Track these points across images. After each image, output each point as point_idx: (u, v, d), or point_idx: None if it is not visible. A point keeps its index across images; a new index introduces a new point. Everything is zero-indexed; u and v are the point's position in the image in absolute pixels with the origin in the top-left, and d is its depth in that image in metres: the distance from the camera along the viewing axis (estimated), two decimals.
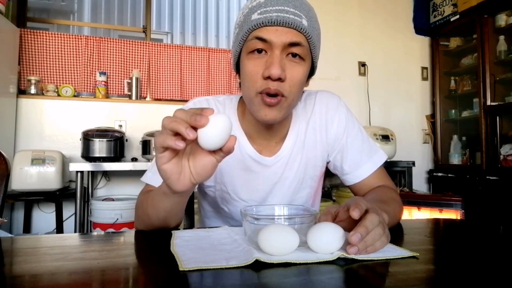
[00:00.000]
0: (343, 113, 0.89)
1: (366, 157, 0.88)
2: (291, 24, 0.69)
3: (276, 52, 0.70)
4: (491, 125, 2.99)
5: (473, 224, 0.87)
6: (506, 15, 2.97)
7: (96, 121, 2.77)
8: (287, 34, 0.69)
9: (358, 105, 3.40)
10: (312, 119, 0.88)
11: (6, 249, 0.58)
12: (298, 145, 0.87)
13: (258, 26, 0.70)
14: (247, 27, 0.71)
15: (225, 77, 3.19)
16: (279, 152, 0.85)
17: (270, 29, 0.69)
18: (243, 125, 0.86)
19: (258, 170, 0.85)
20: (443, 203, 2.29)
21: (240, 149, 0.84)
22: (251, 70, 0.72)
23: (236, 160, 0.84)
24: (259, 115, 0.74)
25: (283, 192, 0.87)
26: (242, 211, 0.60)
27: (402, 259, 0.51)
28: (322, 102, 0.89)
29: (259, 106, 0.73)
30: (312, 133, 0.88)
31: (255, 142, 0.85)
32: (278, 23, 0.69)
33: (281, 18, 0.68)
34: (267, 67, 0.69)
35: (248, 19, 0.72)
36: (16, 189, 2.26)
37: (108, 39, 2.93)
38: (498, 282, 0.44)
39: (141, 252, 0.58)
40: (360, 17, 3.50)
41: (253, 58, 0.72)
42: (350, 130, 0.89)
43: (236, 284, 0.43)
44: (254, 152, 0.84)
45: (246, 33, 0.72)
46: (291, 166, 0.86)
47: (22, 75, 2.70)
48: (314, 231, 0.53)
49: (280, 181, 0.86)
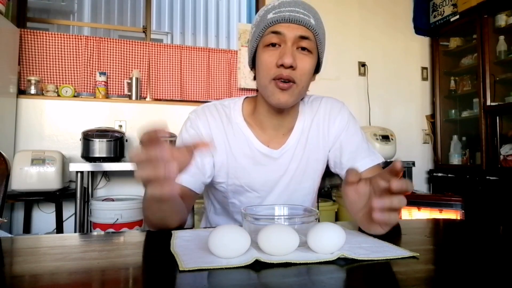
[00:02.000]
0: (346, 115, 0.98)
1: (364, 153, 0.94)
2: (301, 21, 0.81)
3: (289, 44, 0.81)
4: (491, 125, 2.99)
5: (473, 224, 0.87)
6: (506, 15, 2.97)
7: (96, 121, 2.77)
8: (298, 29, 0.81)
9: (358, 105, 3.40)
10: (316, 117, 0.97)
11: (6, 249, 0.58)
12: (303, 139, 0.95)
13: (273, 23, 0.82)
14: (263, 24, 0.83)
15: (225, 77, 3.19)
16: (286, 144, 0.93)
17: (283, 25, 0.81)
18: (252, 121, 0.94)
19: (267, 162, 0.93)
20: (443, 203, 2.29)
21: (249, 146, 0.92)
22: (267, 60, 0.83)
23: (247, 156, 0.92)
24: (273, 99, 0.83)
25: (287, 183, 0.94)
26: (242, 211, 0.60)
27: (402, 259, 0.51)
28: (327, 104, 0.99)
29: (273, 90, 0.83)
30: (316, 130, 0.96)
31: (265, 132, 0.93)
32: (290, 21, 0.81)
33: (293, 16, 0.81)
34: (280, 57, 0.80)
35: (264, 18, 0.84)
36: (16, 189, 2.26)
37: (108, 39, 2.93)
38: (498, 282, 0.44)
39: (141, 252, 0.58)
40: (360, 17, 3.50)
41: (268, 50, 0.83)
42: (350, 129, 0.97)
43: (236, 284, 0.43)
44: (262, 147, 0.92)
45: (262, 29, 0.83)
46: (296, 158, 0.94)
47: (22, 75, 2.70)
48: (314, 231, 0.53)
49: (286, 172, 0.94)
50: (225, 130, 0.93)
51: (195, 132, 0.91)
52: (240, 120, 0.94)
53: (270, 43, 0.82)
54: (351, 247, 0.55)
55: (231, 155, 0.91)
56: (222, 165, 0.92)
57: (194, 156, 0.56)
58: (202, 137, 0.91)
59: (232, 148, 0.91)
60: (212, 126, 0.92)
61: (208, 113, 0.93)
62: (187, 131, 0.92)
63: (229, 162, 0.91)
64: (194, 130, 0.92)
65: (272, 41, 0.82)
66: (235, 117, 0.94)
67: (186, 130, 0.93)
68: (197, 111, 0.95)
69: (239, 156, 0.91)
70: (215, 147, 0.91)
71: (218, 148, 0.91)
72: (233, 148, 0.91)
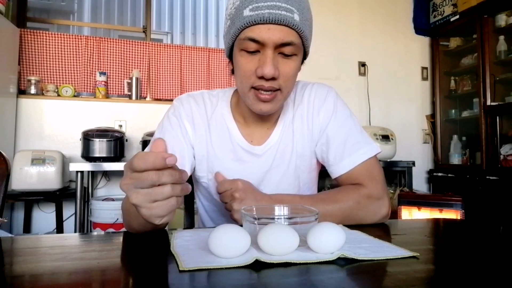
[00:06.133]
0: (331, 102, 0.87)
1: (352, 148, 0.83)
2: (283, 21, 0.68)
3: (269, 52, 0.70)
4: (491, 125, 2.99)
5: (473, 224, 0.87)
6: (506, 15, 2.97)
7: (96, 121, 2.77)
8: (279, 33, 0.69)
9: (358, 105, 3.40)
10: (300, 107, 0.88)
11: (6, 249, 0.58)
12: (287, 133, 0.87)
13: (250, 24, 0.69)
14: (239, 24, 0.71)
15: (225, 77, 3.19)
16: (269, 139, 0.86)
17: (262, 28, 0.69)
18: (237, 113, 0.88)
19: (249, 159, 0.86)
20: (443, 203, 2.28)
21: (231, 139, 0.86)
22: (245, 67, 0.73)
23: (228, 150, 0.85)
24: (255, 108, 0.76)
25: (273, 182, 0.87)
26: (242, 211, 0.60)
27: (402, 259, 0.51)
28: (312, 92, 0.89)
29: (254, 101, 0.75)
30: (300, 122, 0.88)
31: (249, 126, 0.87)
32: (270, 21, 0.68)
33: (273, 15, 0.68)
34: (260, 65, 0.71)
35: (240, 14, 0.71)
36: (16, 189, 2.26)
37: (108, 39, 2.93)
38: (498, 282, 0.44)
39: (141, 252, 0.58)
40: (360, 17, 3.50)
41: (246, 55, 0.72)
42: (337, 120, 0.86)
43: (236, 284, 0.43)
44: (245, 143, 0.86)
45: (238, 29, 0.71)
46: (281, 154, 0.87)
47: (22, 75, 2.70)
48: (314, 231, 0.53)
49: (270, 169, 0.86)
50: (208, 121, 0.87)
51: (177, 120, 0.86)
52: (226, 111, 0.87)
53: (247, 50, 0.72)
54: (351, 247, 0.55)
55: (211, 148, 0.86)
56: (203, 157, 0.86)
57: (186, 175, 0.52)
58: (183, 128, 0.85)
59: (212, 141, 0.86)
60: (195, 115, 0.86)
61: (192, 101, 0.88)
62: (168, 118, 0.87)
63: (209, 156, 0.86)
64: (175, 118, 0.86)
65: (249, 48, 0.71)
66: (221, 108, 0.88)
67: (168, 118, 0.87)
68: (181, 99, 0.89)
69: (219, 150, 0.85)
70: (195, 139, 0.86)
71: (199, 139, 0.86)
72: (213, 141, 0.86)
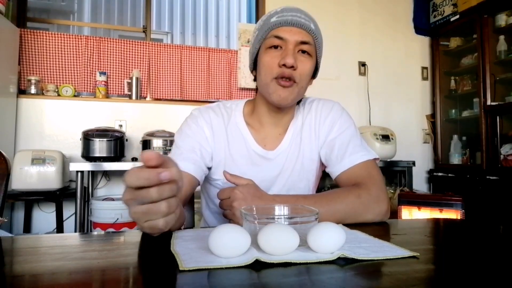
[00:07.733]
0: (336, 113, 0.99)
1: (354, 149, 0.93)
2: (302, 25, 0.86)
3: (290, 47, 0.86)
4: (491, 125, 2.99)
5: (473, 224, 0.87)
6: (506, 15, 2.97)
7: (96, 121, 2.77)
8: (299, 34, 0.86)
9: (358, 105, 3.40)
10: (308, 116, 1.00)
11: (6, 249, 0.58)
12: (297, 139, 0.98)
13: (276, 26, 0.87)
14: (266, 27, 0.88)
15: (225, 77, 3.19)
16: (280, 145, 0.97)
17: (285, 29, 0.86)
18: (251, 121, 0.98)
19: (263, 163, 0.96)
20: (443, 203, 2.28)
21: (246, 147, 0.96)
22: (269, 60, 0.87)
23: (244, 156, 0.95)
24: (274, 95, 0.88)
25: (283, 183, 0.96)
26: (242, 211, 0.60)
27: (402, 259, 0.51)
28: (320, 104, 1.01)
29: (274, 88, 0.87)
30: (308, 129, 0.99)
31: (263, 131, 0.97)
32: (293, 24, 0.86)
33: (295, 20, 0.86)
34: (282, 57, 0.85)
35: (267, 22, 0.89)
36: (16, 189, 2.26)
37: (108, 39, 2.93)
38: (498, 282, 0.44)
39: (141, 252, 0.58)
40: (360, 17, 3.50)
41: (271, 52, 0.87)
42: (342, 125, 0.97)
43: (236, 284, 0.43)
44: (259, 148, 0.96)
45: (265, 32, 0.88)
46: (290, 159, 0.97)
47: (22, 75, 2.70)
48: (314, 231, 0.53)
49: (281, 173, 0.96)
50: (226, 129, 0.96)
51: (197, 127, 0.94)
52: (240, 120, 0.98)
53: (273, 45, 0.87)
54: (351, 247, 0.55)
55: (229, 155, 0.95)
56: (220, 162, 0.94)
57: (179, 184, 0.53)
58: (203, 133, 0.93)
59: (230, 148, 0.95)
60: (214, 123, 0.95)
61: (211, 112, 0.97)
62: (189, 126, 0.94)
63: (226, 161, 0.94)
64: (196, 125, 0.94)
65: (274, 43, 0.87)
66: (235, 118, 0.98)
67: (188, 125, 0.95)
68: (200, 109, 0.98)
69: (236, 156, 0.95)
70: (214, 144, 0.94)
71: (218, 146, 0.94)
72: (231, 148, 0.95)
